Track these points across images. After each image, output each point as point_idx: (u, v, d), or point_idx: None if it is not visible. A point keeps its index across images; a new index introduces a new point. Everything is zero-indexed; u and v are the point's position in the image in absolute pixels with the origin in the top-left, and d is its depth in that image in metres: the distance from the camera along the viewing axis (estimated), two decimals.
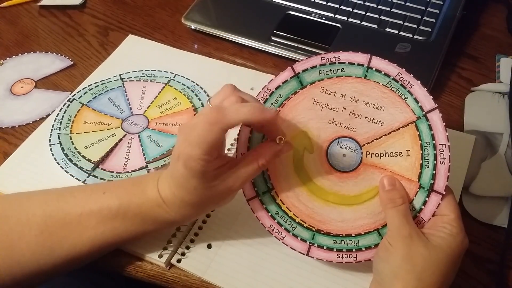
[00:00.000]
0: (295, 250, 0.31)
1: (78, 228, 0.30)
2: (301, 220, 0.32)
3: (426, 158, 0.30)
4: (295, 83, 0.32)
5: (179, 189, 0.29)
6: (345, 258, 0.31)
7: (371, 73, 0.31)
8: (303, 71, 0.32)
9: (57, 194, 0.31)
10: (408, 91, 0.30)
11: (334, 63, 0.32)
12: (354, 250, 0.31)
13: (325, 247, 0.31)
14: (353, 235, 0.31)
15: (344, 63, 0.31)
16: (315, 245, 0.31)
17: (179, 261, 0.33)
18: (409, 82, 0.30)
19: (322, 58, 0.32)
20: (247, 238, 0.34)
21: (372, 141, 0.31)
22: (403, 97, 0.30)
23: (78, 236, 0.30)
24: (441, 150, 0.29)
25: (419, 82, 0.30)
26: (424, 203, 0.30)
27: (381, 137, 0.31)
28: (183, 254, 0.33)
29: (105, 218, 0.30)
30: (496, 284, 0.33)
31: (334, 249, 0.31)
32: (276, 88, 0.33)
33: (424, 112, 0.30)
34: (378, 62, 0.31)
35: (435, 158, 0.30)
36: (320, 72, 0.32)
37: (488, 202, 0.37)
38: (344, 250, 0.31)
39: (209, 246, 0.34)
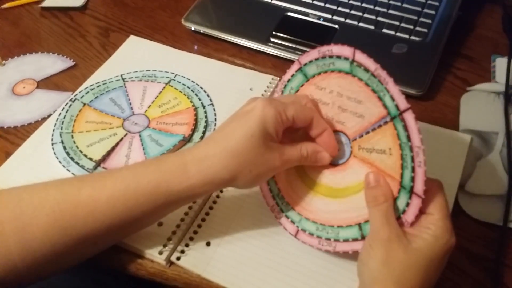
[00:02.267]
0: (287, 231, 0.33)
1: (89, 206, 0.29)
2: (292, 208, 0.33)
3: (405, 159, 0.29)
4: (301, 76, 0.33)
5: (230, 137, 0.29)
6: (325, 246, 0.31)
7: (355, 68, 0.30)
8: (305, 64, 0.33)
9: (73, 177, 0.32)
10: (385, 87, 0.29)
11: (326, 56, 0.32)
12: (332, 239, 0.31)
13: (307, 232, 0.32)
14: (335, 226, 0.31)
15: (333, 56, 0.31)
16: (300, 228, 0.33)
17: (178, 258, 0.33)
18: (384, 79, 0.29)
19: (319, 51, 0.32)
20: (246, 235, 0.34)
21: (362, 135, 0.31)
22: (381, 93, 0.29)
23: (90, 213, 0.29)
24: (417, 152, 0.28)
25: (392, 79, 0.29)
26: (407, 204, 0.29)
27: (368, 132, 0.31)
28: (182, 251, 0.34)
29: (119, 197, 0.29)
30: (492, 282, 0.33)
31: (315, 235, 0.32)
32: (288, 81, 0.34)
33: (399, 112, 0.29)
34: (360, 56, 0.30)
35: (412, 160, 0.28)
36: (317, 66, 0.32)
37: (483, 200, 0.37)
38: (323, 238, 0.32)
39: (208, 244, 0.34)
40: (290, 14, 0.51)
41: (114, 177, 0.30)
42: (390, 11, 0.50)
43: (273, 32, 0.49)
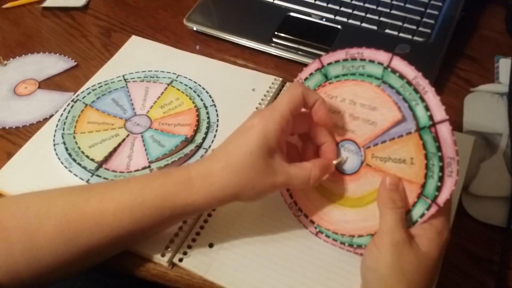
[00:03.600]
0: (307, 229, 0.34)
1: (96, 217, 0.29)
2: (311, 220, 0.33)
3: (431, 168, 0.28)
4: (319, 76, 0.33)
5: (231, 153, 0.29)
6: (344, 247, 0.32)
7: (387, 74, 0.30)
8: (328, 64, 0.32)
9: (80, 187, 0.32)
10: (421, 97, 0.28)
11: (356, 59, 0.31)
12: (346, 244, 0.32)
13: (324, 234, 0.33)
14: (356, 236, 0.31)
15: (365, 60, 0.31)
16: (317, 229, 0.33)
17: (181, 260, 0.33)
18: (423, 88, 0.28)
19: (346, 53, 0.31)
20: (249, 237, 0.34)
21: (377, 144, 0.31)
22: (413, 103, 0.29)
23: (96, 225, 0.29)
24: (449, 163, 0.28)
25: (433, 89, 0.28)
26: (422, 215, 0.29)
27: (385, 141, 0.30)
28: (185, 253, 0.34)
29: (125, 209, 0.29)
30: (496, 284, 0.33)
31: (331, 238, 0.32)
32: (305, 79, 0.34)
33: (431, 122, 0.28)
34: (398, 63, 0.30)
35: (440, 170, 0.28)
36: (343, 67, 0.32)
37: (487, 202, 0.37)
38: (338, 242, 0.32)
39: (210, 246, 0.34)
40: (292, 14, 0.51)
41: (122, 189, 0.30)
42: (393, 12, 0.50)
43: (275, 33, 0.49)
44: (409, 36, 0.48)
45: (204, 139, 0.41)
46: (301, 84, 0.31)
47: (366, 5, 0.50)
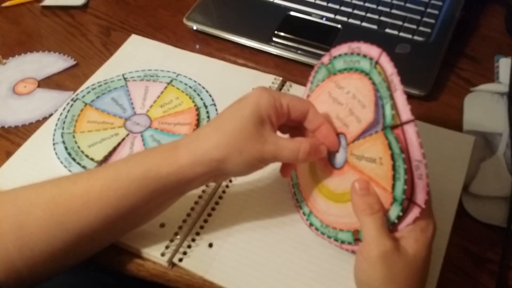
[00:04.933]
0: (303, 221, 0.34)
1: (83, 197, 0.28)
2: (306, 204, 0.34)
3: (398, 170, 0.27)
4: (324, 70, 0.33)
5: (222, 117, 0.29)
6: (331, 242, 0.32)
7: (372, 70, 0.29)
8: (334, 57, 0.32)
9: (71, 173, 0.32)
10: (390, 95, 0.27)
11: (354, 53, 0.31)
12: (333, 239, 0.32)
13: (314, 227, 0.33)
14: (338, 229, 0.31)
15: (360, 54, 0.30)
16: (309, 222, 0.33)
17: (181, 260, 0.33)
18: (395, 85, 0.27)
19: (349, 47, 0.31)
20: (249, 237, 0.34)
21: (354, 141, 0.30)
22: (384, 100, 0.28)
23: (84, 205, 0.28)
24: (417, 166, 0.26)
25: (402, 87, 0.27)
26: (399, 217, 0.27)
27: (359, 138, 0.30)
28: (184, 253, 0.33)
29: (111, 185, 0.29)
30: (496, 285, 0.33)
31: (319, 231, 0.33)
32: (316, 72, 0.35)
33: (393, 122, 0.27)
34: (383, 59, 0.29)
35: (406, 172, 0.26)
36: (344, 60, 0.31)
37: (487, 202, 0.37)
38: (326, 236, 0.32)
39: (210, 245, 0.34)
40: (292, 13, 0.51)
41: (108, 167, 0.30)
42: (393, 11, 0.50)
43: (276, 32, 0.49)
44: (409, 36, 0.48)
45: None
46: (311, 103, 0.31)
47: (366, 4, 0.50)
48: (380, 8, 0.50)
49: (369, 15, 0.50)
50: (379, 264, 0.26)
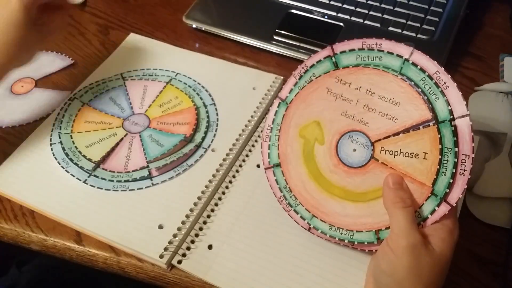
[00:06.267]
0: (299, 224, 0.32)
1: None
2: (306, 208, 0.32)
3: (445, 165, 0.28)
4: (328, 64, 0.32)
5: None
6: (341, 243, 0.31)
7: (407, 66, 0.29)
8: (341, 52, 0.31)
9: None
10: (441, 91, 0.28)
11: (373, 49, 0.30)
12: (346, 241, 0.31)
13: (319, 231, 0.32)
14: (355, 231, 0.30)
15: (383, 51, 0.30)
16: (312, 226, 0.32)
17: (179, 262, 0.33)
18: (445, 83, 0.28)
19: (363, 43, 0.31)
20: (248, 239, 0.34)
21: (389, 136, 0.30)
22: (433, 97, 0.28)
23: None
24: (463, 160, 0.27)
25: (455, 84, 0.28)
26: (433, 212, 0.28)
27: (398, 133, 0.29)
28: (183, 255, 0.33)
29: None
30: (500, 286, 0.32)
31: (328, 235, 0.31)
32: (312, 66, 0.32)
33: (451, 117, 0.28)
34: (419, 57, 0.29)
35: (454, 166, 0.28)
36: (358, 56, 0.31)
37: (492, 203, 0.36)
38: (337, 239, 0.31)
39: (210, 247, 0.33)
40: (294, 11, 0.50)
41: None
42: (397, 9, 0.49)
43: (277, 30, 0.48)
44: (413, 34, 0.47)
45: (203, 138, 0.40)
46: None
47: (369, 2, 0.50)
48: (383, 6, 0.49)
49: (372, 13, 0.49)
50: (406, 254, 0.26)
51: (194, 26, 0.50)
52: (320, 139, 0.31)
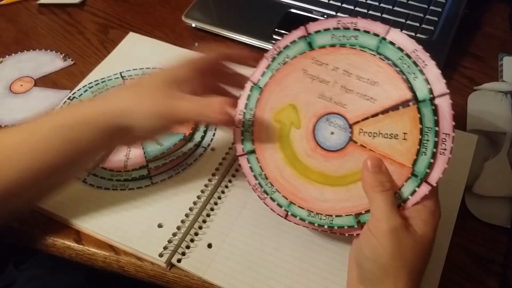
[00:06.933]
0: (275, 212, 0.31)
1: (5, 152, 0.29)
2: (283, 195, 0.31)
3: (425, 144, 0.27)
4: (303, 45, 0.31)
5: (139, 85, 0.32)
6: (320, 229, 0.30)
7: (384, 45, 0.28)
8: (316, 32, 0.30)
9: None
10: (420, 70, 0.27)
11: (349, 28, 0.30)
12: (326, 226, 0.30)
13: (298, 217, 0.30)
14: (334, 216, 0.30)
15: (359, 30, 0.29)
16: (289, 213, 0.31)
17: (179, 260, 0.33)
18: (423, 61, 0.27)
19: (338, 22, 0.30)
20: (248, 237, 0.34)
21: (368, 118, 0.29)
22: (412, 76, 0.27)
23: (6, 160, 0.29)
24: (444, 139, 0.27)
25: (434, 63, 0.27)
26: (413, 193, 0.27)
27: (377, 115, 0.28)
28: (183, 253, 0.33)
29: (28, 140, 0.30)
30: (499, 286, 0.32)
31: (306, 221, 0.30)
32: (285, 47, 0.31)
33: (431, 96, 0.27)
34: (396, 35, 0.28)
35: (435, 146, 0.27)
36: (333, 36, 0.30)
37: (491, 202, 0.36)
38: (316, 224, 0.30)
39: (209, 246, 0.33)
40: (293, 10, 0.50)
41: (24, 125, 0.31)
42: (396, 8, 0.49)
43: (276, 29, 0.48)
44: (412, 34, 0.47)
45: (203, 137, 0.40)
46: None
47: (369, 1, 0.50)
48: (382, 5, 0.49)
49: (371, 12, 0.49)
50: (388, 238, 0.26)
51: (193, 25, 0.50)
52: (296, 123, 0.30)
